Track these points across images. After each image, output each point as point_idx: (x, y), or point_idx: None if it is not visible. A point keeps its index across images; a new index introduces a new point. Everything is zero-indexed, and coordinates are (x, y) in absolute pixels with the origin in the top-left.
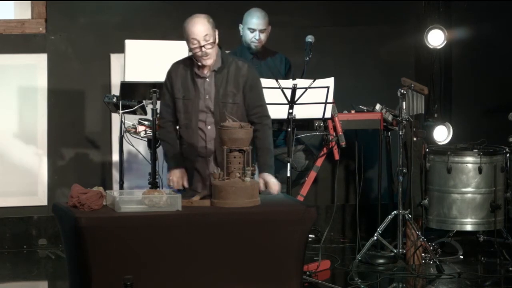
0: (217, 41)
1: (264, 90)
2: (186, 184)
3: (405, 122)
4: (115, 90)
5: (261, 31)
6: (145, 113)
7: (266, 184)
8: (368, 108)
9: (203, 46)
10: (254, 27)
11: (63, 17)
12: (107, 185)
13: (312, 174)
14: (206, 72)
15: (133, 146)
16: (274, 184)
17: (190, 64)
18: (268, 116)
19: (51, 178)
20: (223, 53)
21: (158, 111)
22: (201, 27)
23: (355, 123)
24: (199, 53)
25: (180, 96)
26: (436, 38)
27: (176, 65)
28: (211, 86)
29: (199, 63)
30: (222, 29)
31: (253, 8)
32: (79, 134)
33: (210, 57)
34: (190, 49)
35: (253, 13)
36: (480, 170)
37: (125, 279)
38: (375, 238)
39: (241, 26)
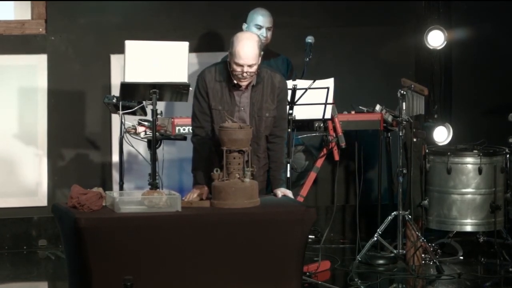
0: (259, 63)
1: None
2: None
3: (405, 122)
4: (115, 91)
5: (268, 28)
6: (145, 114)
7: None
8: (368, 108)
9: (246, 72)
10: (261, 24)
11: (63, 18)
12: (107, 186)
13: (312, 175)
14: (243, 86)
15: (133, 146)
16: (290, 193)
17: (225, 72)
18: (287, 130)
19: (51, 178)
20: (259, 67)
21: (192, 116)
22: (249, 53)
23: (355, 124)
24: (239, 76)
25: (218, 107)
26: (436, 38)
27: (210, 73)
28: (248, 98)
29: (235, 81)
30: (222, 29)
31: (258, 7)
32: (79, 134)
33: (248, 80)
34: (230, 66)
35: (259, 11)
36: (480, 171)
37: (125, 279)
38: (375, 238)
39: (245, 26)
